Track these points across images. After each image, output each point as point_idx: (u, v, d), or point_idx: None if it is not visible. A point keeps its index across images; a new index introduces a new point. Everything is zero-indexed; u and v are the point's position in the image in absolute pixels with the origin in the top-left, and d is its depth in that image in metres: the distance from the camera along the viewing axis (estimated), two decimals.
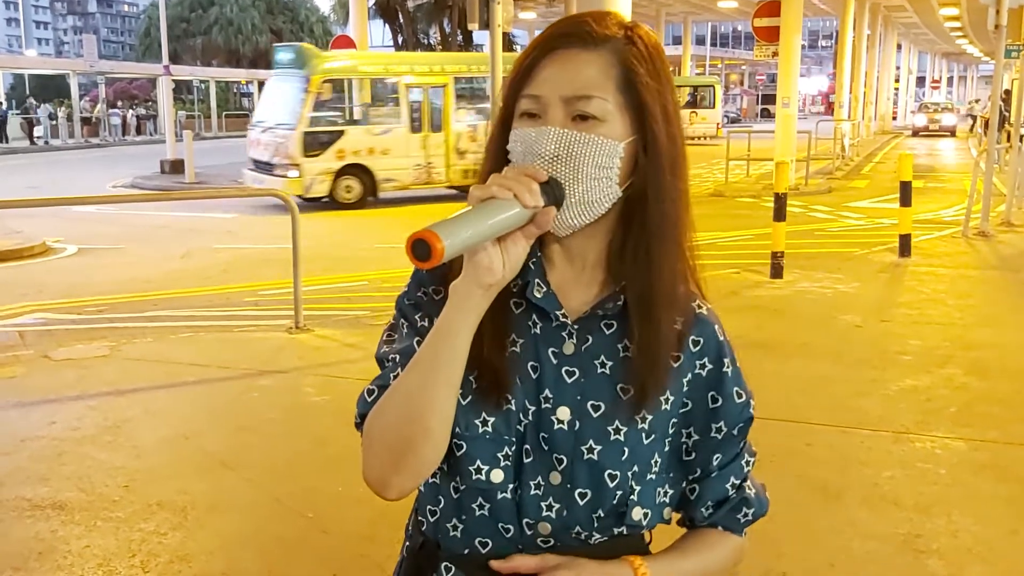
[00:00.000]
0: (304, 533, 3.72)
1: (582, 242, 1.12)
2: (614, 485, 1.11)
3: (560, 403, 1.11)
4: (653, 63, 1.09)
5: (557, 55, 1.08)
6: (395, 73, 16.41)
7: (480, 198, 0.99)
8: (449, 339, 1.03)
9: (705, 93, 35.72)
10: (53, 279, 9.48)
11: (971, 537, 3.66)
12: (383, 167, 15.61)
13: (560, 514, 1.11)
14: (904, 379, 5.67)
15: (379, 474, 1.09)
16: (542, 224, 1.02)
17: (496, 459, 1.10)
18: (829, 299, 7.98)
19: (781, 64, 17.47)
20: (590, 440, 1.11)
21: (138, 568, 3.43)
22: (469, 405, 1.11)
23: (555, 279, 1.13)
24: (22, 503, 3.96)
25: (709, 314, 1.18)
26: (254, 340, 6.79)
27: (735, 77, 78.43)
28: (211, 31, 52.38)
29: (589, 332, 1.12)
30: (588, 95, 1.06)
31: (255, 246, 11.30)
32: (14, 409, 5.32)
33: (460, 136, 16.41)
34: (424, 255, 0.93)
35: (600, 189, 1.06)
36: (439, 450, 1.08)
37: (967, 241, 11.21)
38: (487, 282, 1.01)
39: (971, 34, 40.78)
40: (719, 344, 1.17)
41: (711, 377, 1.16)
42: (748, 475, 1.22)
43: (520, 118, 1.09)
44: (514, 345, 1.12)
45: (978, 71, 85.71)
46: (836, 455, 4.49)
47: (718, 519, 1.21)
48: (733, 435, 1.18)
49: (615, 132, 1.06)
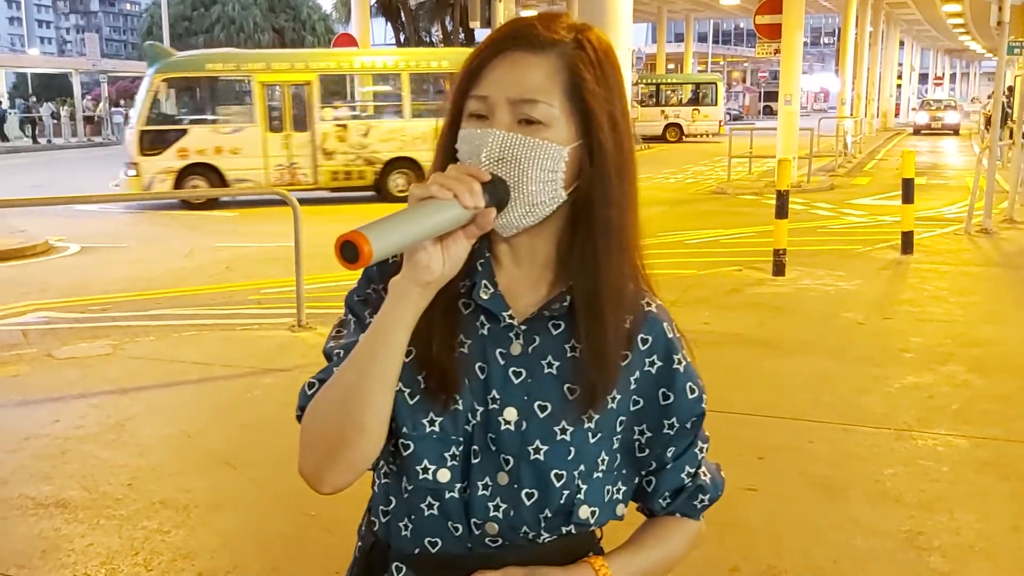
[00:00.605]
0: (306, 531, 3.73)
1: (529, 243, 1.12)
2: (560, 485, 1.11)
3: (507, 404, 1.11)
4: (601, 68, 1.09)
5: (505, 57, 1.07)
6: (249, 71, 16.00)
7: (419, 197, 0.99)
8: (385, 336, 1.03)
9: (707, 90, 35.67)
10: (56, 278, 9.49)
11: (973, 534, 3.66)
12: (234, 167, 15.27)
13: (507, 514, 1.12)
14: (906, 376, 5.67)
15: (314, 468, 1.10)
16: (483, 225, 1.02)
17: (443, 459, 1.11)
18: (831, 296, 7.97)
19: (783, 61, 17.46)
20: (536, 440, 1.11)
21: (141, 566, 3.43)
22: (417, 405, 1.11)
23: (503, 280, 1.13)
24: (26, 501, 3.98)
25: (658, 311, 1.18)
26: (257, 338, 6.80)
27: (737, 74, 78.38)
28: (213, 29, 52.33)
29: (536, 333, 1.13)
30: (534, 99, 1.06)
31: (258, 244, 11.31)
32: (17, 407, 5.33)
33: (327, 136, 15.90)
34: (352, 257, 0.92)
35: (544, 192, 1.06)
36: (374, 446, 1.08)
37: (970, 238, 11.20)
38: (424, 280, 1.01)
39: (974, 30, 40.72)
40: (668, 341, 1.18)
41: (661, 374, 1.17)
42: (702, 461, 1.23)
43: (468, 119, 1.09)
44: (462, 346, 1.12)
45: (981, 67, 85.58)
46: (838, 452, 4.49)
47: (676, 507, 1.22)
48: (686, 428, 1.19)
49: (560, 137, 1.06)
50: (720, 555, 3.45)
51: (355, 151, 15.96)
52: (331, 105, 16.72)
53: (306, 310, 6.88)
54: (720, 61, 70.89)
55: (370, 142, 16.03)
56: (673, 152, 28.77)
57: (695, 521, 1.26)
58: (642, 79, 36.35)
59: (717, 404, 5.24)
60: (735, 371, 5.76)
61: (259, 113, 15.68)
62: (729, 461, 4.45)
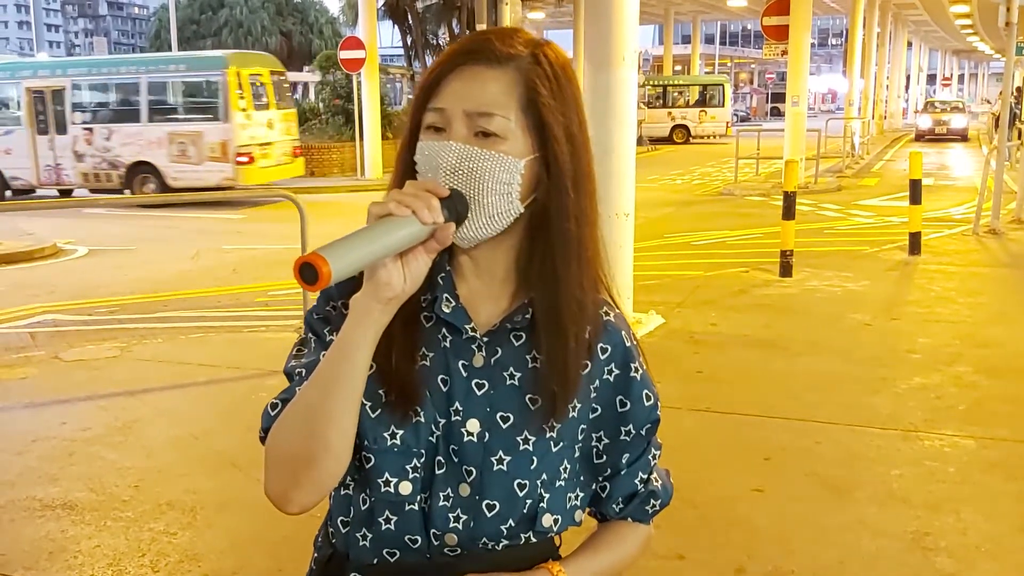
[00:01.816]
0: (312, 532, 3.72)
1: (489, 255, 1.13)
2: (523, 494, 1.12)
3: (470, 415, 1.12)
4: (558, 82, 1.10)
5: (463, 71, 1.08)
6: (19, 77, 17.67)
7: (377, 215, 0.99)
8: (348, 353, 1.03)
9: (714, 92, 35.63)
10: (64, 280, 9.53)
11: (980, 535, 3.65)
12: (9, 166, 17.22)
13: (468, 525, 1.12)
14: (913, 377, 5.65)
15: (280, 488, 1.09)
16: (442, 239, 1.02)
17: (405, 471, 1.11)
18: (838, 297, 7.95)
19: (791, 63, 17.42)
20: (500, 451, 1.12)
21: (148, 568, 3.44)
22: (379, 418, 1.11)
23: (464, 292, 1.14)
24: (33, 503, 3.99)
25: (617, 320, 1.20)
26: (264, 340, 6.82)
27: (744, 76, 78.25)
28: (221, 33, 52.48)
29: (499, 344, 1.13)
30: (490, 112, 1.06)
31: (264, 246, 11.33)
32: (25, 409, 5.35)
33: (77, 139, 16.96)
34: (311, 279, 0.91)
35: (501, 204, 1.07)
36: (340, 464, 1.07)
37: (977, 239, 11.16)
38: (386, 296, 1.01)
39: (982, 31, 40.58)
40: (626, 350, 1.19)
41: (619, 382, 1.18)
42: (655, 468, 1.25)
43: (426, 131, 1.09)
44: (424, 359, 1.12)
45: (989, 68, 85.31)
46: (845, 453, 4.48)
47: (628, 512, 1.24)
48: (641, 435, 1.21)
49: (516, 150, 1.07)
50: (726, 555, 3.45)
51: (100, 154, 16.90)
52: (81, 110, 17.65)
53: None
54: (727, 63, 70.86)
55: (112, 146, 16.82)
56: (680, 154, 28.75)
57: (646, 526, 1.28)
58: (649, 81, 36.33)
59: (724, 405, 5.26)
60: (742, 372, 5.75)
61: (27, 116, 17.30)
62: (736, 462, 4.45)
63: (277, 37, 52.83)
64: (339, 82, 22.13)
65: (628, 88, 6.10)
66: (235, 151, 15.99)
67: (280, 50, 53.00)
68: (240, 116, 16.25)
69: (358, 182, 19.56)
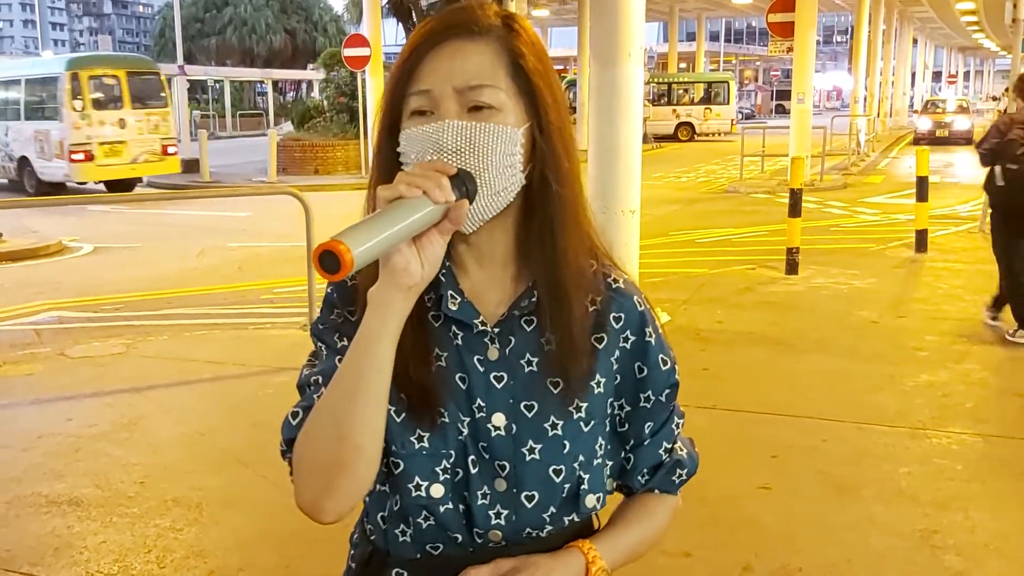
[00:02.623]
0: (319, 529, 3.69)
1: (488, 238, 1.11)
2: (560, 480, 1.11)
3: (494, 410, 1.10)
4: (535, 47, 1.09)
5: (443, 48, 1.06)
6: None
7: (388, 199, 0.96)
8: (372, 347, 1.00)
9: (719, 89, 35.55)
10: (69, 278, 9.54)
11: (988, 533, 3.63)
12: None
13: (510, 519, 1.11)
14: (920, 375, 5.64)
15: (312, 498, 1.06)
16: (456, 219, 0.99)
17: (435, 474, 1.09)
18: (845, 295, 7.93)
19: (796, 60, 17.38)
20: (529, 441, 1.10)
21: (153, 564, 3.44)
22: (404, 423, 1.09)
23: (468, 285, 1.12)
24: (39, 499, 3.99)
25: (626, 286, 1.17)
26: (269, 337, 6.82)
27: (749, 73, 78.16)
28: (225, 31, 52.57)
29: (511, 333, 1.11)
30: (481, 84, 1.04)
31: (270, 244, 11.33)
32: (31, 406, 5.36)
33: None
34: (333, 267, 0.87)
35: (506, 177, 1.05)
36: (371, 468, 1.05)
37: (984, 236, 11.08)
38: (406, 284, 0.98)
39: (988, 28, 40.51)
40: (640, 315, 1.17)
41: (635, 348, 1.16)
42: (678, 437, 1.24)
43: (410, 118, 1.06)
44: (439, 359, 1.10)
45: (995, 65, 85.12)
46: (852, 451, 4.46)
47: (654, 483, 1.22)
48: (661, 401, 1.19)
49: (512, 120, 1.05)
50: (734, 553, 3.44)
51: (2, 148, 18.45)
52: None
53: (318, 309, 6.89)
54: (732, 60, 70.70)
55: (9, 140, 18.26)
56: (685, 151, 28.71)
57: (673, 496, 1.26)
58: (654, 78, 36.26)
59: (731, 403, 5.24)
60: (749, 370, 5.74)
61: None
62: (743, 459, 4.43)
63: (281, 35, 52.89)
64: (343, 80, 22.11)
65: (634, 85, 6.08)
66: (69, 149, 16.97)
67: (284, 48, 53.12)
68: (74, 116, 17.11)
69: (363, 180, 19.42)
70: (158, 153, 18.30)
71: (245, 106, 48.44)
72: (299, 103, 36.60)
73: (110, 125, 17.43)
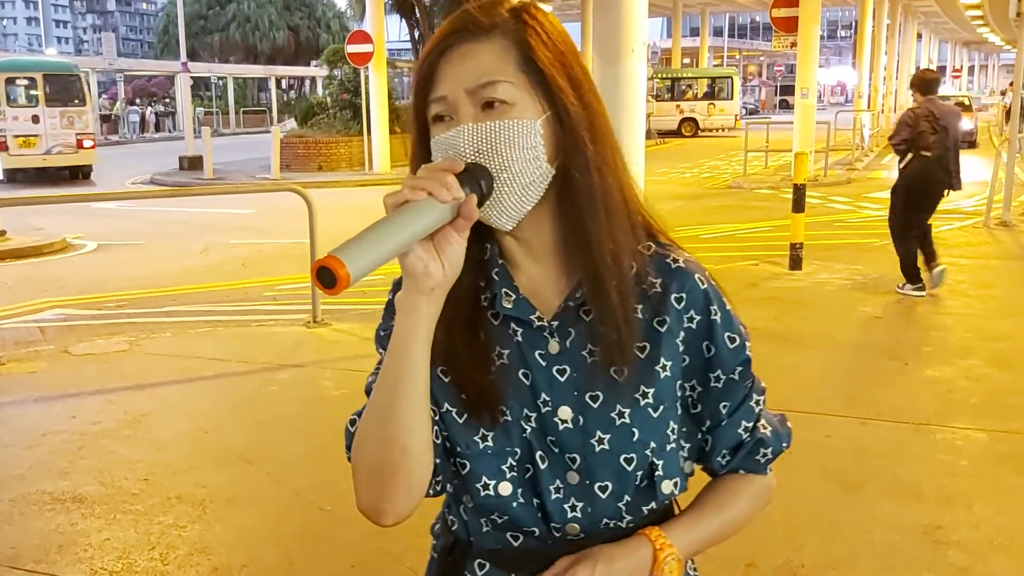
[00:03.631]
0: (322, 526, 3.73)
1: (534, 231, 1.10)
2: (632, 468, 1.10)
3: (559, 403, 1.10)
4: (550, 36, 1.08)
5: (452, 53, 1.06)
6: None
7: (393, 205, 0.96)
8: (405, 351, 1.01)
9: (723, 85, 35.52)
10: (73, 275, 9.55)
11: (993, 528, 3.62)
12: None
13: (585, 511, 1.10)
14: (925, 370, 5.63)
15: (371, 501, 1.08)
16: (468, 215, 0.99)
17: (501, 472, 1.10)
18: (848, 290, 7.92)
19: (800, 55, 17.35)
20: (597, 431, 1.09)
21: (157, 560, 3.44)
22: (466, 423, 1.10)
23: (523, 280, 1.12)
24: (43, 496, 4.00)
25: (687, 265, 1.15)
26: (272, 334, 6.82)
27: (753, 68, 78.04)
28: (228, 28, 52.59)
29: (569, 325, 1.11)
30: (490, 81, 1.04)
31: (273, 241, 11.34)
32: (35, 404, 5.36)
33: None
34: (329, 282, 0.87)
35: (530, 171, 1.04)
36: (423, 469, 1.06)
37: (988, 231, 11.11)
38: (427, 287, 0.99)
39: (992, 22, 40.35)
40: (703, 293, 1.14)
41: (701, 328, 1.14)
42: (760, 414, 1.20)
43: (435, 124, 1.07)
44: (501, 357, 1.11)
45: (999, 60, 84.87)
46: (856, 447, 4.46)
47: (737, 464, 1.19)
48: (734, 379, 1.17)
49: (528, 112, 1.04)
50: (737, 550, 3.43)
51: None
52: None
53: (321, 306, 6.90)
54: (736, 55, 70.63)
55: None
56: (688, 147, 28.67)
57: (762, 476, 1.22)
58: (657, 74, 36.22)
59: None
60: (752, 365, 5.72)
61: None
62: None
63: (285, 32, 52.92)
64: (347, 76, 22.11)
65: (637, 81, 6.06)
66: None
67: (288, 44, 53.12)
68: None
69: (366, 176, 19.56)
70: (73, 146, 20.63)
71: (248, 103, 48.48)
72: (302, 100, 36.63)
73: (24, 120, 20.17)
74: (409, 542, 3.56)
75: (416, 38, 32.10)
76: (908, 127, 7.56)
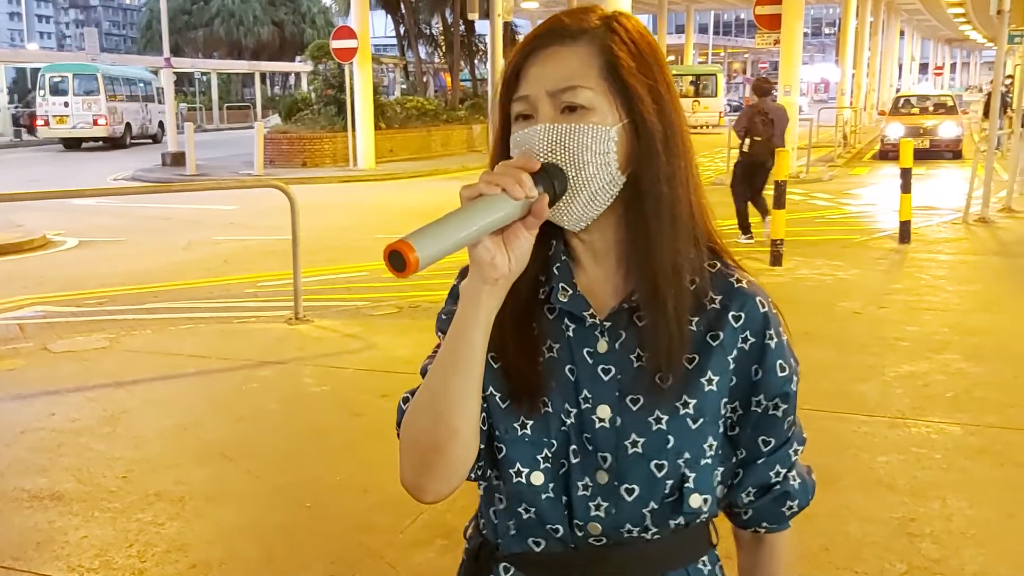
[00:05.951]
0: (303, 522, 3.74)
1: (600, 237, 1.12)
2: (662, 475, 1.10)
3: (599, 402, 1.11)
4: (636, 46, 1.09)
5: (539, 55, 1.09)
6: None
7: (468, 197, 0.99)
8: (464, 335, 1.05)
9: (707, 82, 35.63)
10: (53, 272, 9.50)
11: (965, 520, 3.67)
12: None
13: (609, 512, 1.11)
14: (902, 365, 5.68)
15: (414, 477, 1.12)
16: (539, 213, 1.01)
17: (535, 461, 1.12)
18: (828, 286, 7.98)
19: (783, 52, 17.43)
20: (632, 434, 1.10)
21: (135, 558, 3.45)
22: (508, 408, 1.13)
23: (584, 279, 1.14)
24: (21, 494, 3.99)
25: (750, 287, 1.16)
26: (254, 331, 6.81)
27: (737, 65, 78.26)
28: (212, 23, 52.28)
29: (621, 328, 1.12)
30: (572, 86, 1.06)
31: (256, 237, 11.31)
32: (14, 401, 5.35)
33: None
34: (400, 265, 0.92)
35: (601, 177, 1.06)
36: (468, 451, 1.09)
37: (967, 227, 11.19)
38: (492, 277, 1.02)
39: (974, 20, 40.59)
40: (763, 316, 1.15)
41: (753, 351, 1.14)
42: (795, 464, 1.20)
43: (516, 122, 1.10)
44: (551, 351, 1.13)
45: (981, 57, 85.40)
46: (832, 440, 4.49)
47: (760, 506, 1.20)
48: (776, 415, 1.17)
49: (605, 119, 1.06)
50: None
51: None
52: None
53: (303, 303, 6.89)
54: (720, 52, 70.76)
55: None
56: None
57: (782, 533, 1.25)
58: None
59: None
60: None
61: None
62: None
63: (269, 27, 52.65)
64: (331, 72, 22.03)
65: None
66: None
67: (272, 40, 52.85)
68: None
69: (350, 172, 19.52)
70: (90, 123, 27.88)
71: (232, 99, 48.24)
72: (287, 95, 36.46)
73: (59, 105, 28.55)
74: (390, 537, 3.58)
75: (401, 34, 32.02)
76: (747, 119, 10.15)
